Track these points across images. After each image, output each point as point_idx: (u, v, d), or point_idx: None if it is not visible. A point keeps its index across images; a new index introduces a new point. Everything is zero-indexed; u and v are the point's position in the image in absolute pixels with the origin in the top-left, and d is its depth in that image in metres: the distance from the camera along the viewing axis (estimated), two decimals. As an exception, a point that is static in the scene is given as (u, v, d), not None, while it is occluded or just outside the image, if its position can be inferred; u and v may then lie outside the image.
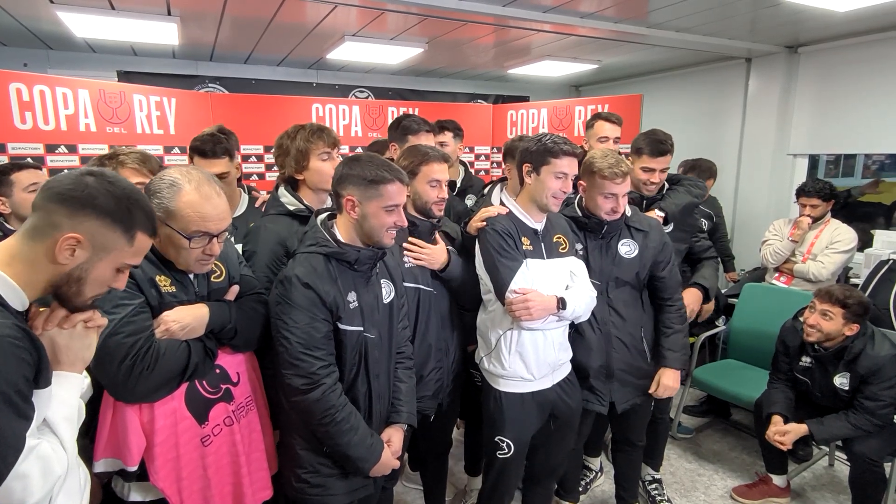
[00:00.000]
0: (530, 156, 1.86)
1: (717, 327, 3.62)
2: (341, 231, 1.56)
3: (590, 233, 2.11)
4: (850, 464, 2.43)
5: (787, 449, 2.48)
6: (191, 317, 1.36)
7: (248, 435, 1.50)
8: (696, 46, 3.96)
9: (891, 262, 3.01)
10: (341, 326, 1.51)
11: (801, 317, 2.52)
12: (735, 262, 4.27)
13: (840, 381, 2.42)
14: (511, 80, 5.73)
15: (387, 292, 1.67)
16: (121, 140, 3.46)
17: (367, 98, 5.31)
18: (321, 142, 1.87)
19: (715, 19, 3.38)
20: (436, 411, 2.05)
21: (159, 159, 3.36)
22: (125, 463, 1.30)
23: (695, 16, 3.29)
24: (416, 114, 2.67)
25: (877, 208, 4.62)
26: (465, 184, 2.92)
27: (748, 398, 2.83)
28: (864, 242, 3.61)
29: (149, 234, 1.06)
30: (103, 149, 3.40)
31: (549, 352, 1.91)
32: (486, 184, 2.80)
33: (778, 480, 2.70)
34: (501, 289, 1.83)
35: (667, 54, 4.42)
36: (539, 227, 1.93)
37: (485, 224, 1.90)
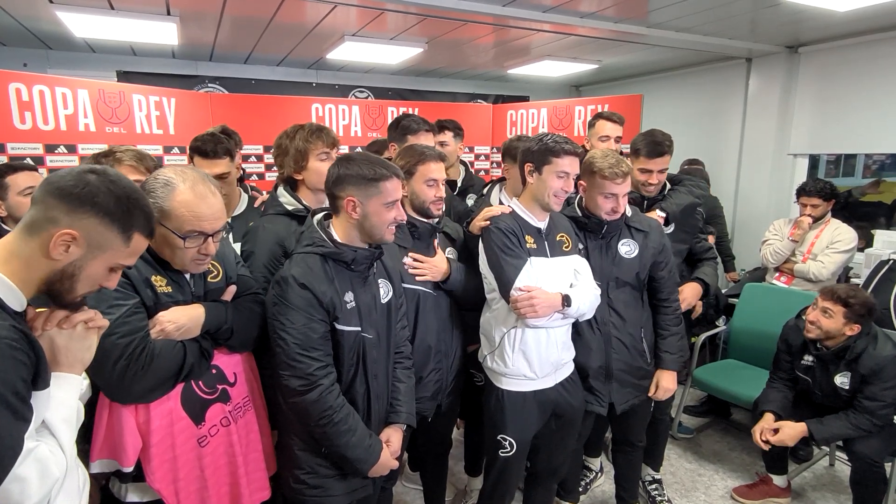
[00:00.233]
0: (532, 155, 1.86)
1: (718, 327, 3.61)
2: (338, 231, 1.56)
3: (590, 233, 2.10)
4: (851, 464, 2.42)
5: (789, 447, 2.47)
6: (186, 317, 1.35)
7: (246, 435, 1.49)
8: (696, 46, 3.96)
9: (891, 262, 3.00)
10: (338, 327, 1.50)
11: (805, 314, 2.51)
12: (735, 262, 4.27)
13: (841, 380, 2.41)
14: (511, 80, 5.72)
15: (384, 292, 1.66)
16: (120, 140, 3.45)
17: (366, 98, 5.30)
18: (320, 142, 1.86)
19: (715, 19, 3.37)
20: (435, 412, 2.04)
21: (158, 159, 3.36)
22: (121, 464, 1.30)
23: (695, 16, 3.29)
24: (416, 114, 2.67)
25: (877, 208, 4.60)
26: (465, 183, 2.91)
27: (748, 398, 2.82)
28: (865, 242, 3.61)
29: (146, 236, 1.05)
30: (103, 148, 3.39)
31: (553, 350, 1.91)
32: (487, 183, 2.79)
33: (778, 480, 2.69)
34: (506, 287, 1.82)
35: (667, 54, 4.41)
36: (542, 225, 1.93)
37: (488, 223, 1.89)
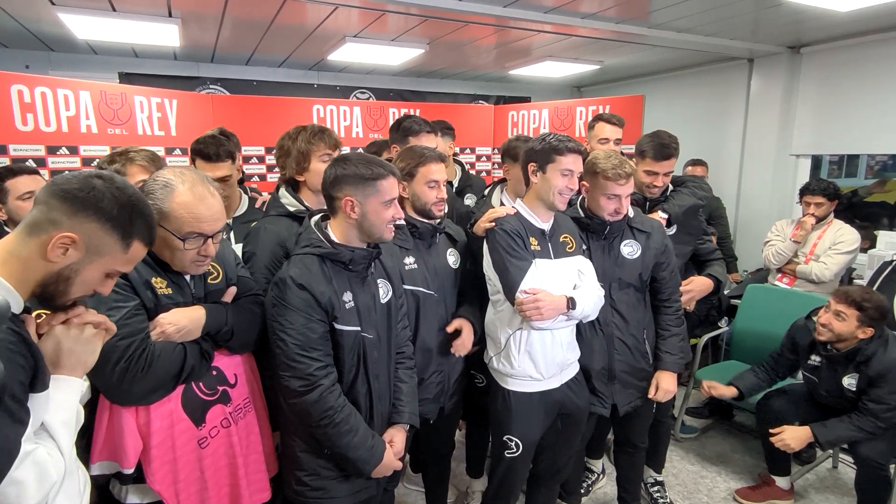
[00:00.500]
0: (536, 155, 1.86)
1: (720, 328, 3.60)
2: (336, 232, 1.55)
3: (592, 234, 2.10)
4: (855, 467, 2.41)
5: (791, 452, 2.46)
6: (186, 319, 1.35)
7: (246, 437, 1.49)
8: (697, 47, 3.95)
9: (894, 262, 2.99)
10: (338, 327, 1.50)
11: (815, 315, 2.49)
12: (737, 263, 4.25)
13: (848, 381, 2.39)
14: (512, 80, 5.72)
15: (384, 292, 1.65)
16: (122, 141, 3.45)
17: (368, 99, 5.31)
18: (322, 143, 1.87)
19: (716, 20, 3.36)
20: (438, 414, 2.04)
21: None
22: (121, 465, 1.30)
23: (696, 16, 3.28)
24: (417, 115, 2.66)
25: (881, 209, 4.59)
26: (462, 183, 2.90)
27: (751, 400, 2.81)
28: (869, 243, 3.60)
29: (145, 244, 1.05)
30: (104, 150, 3.40)
31: (558, 351, 1.90)
32: (488, 185, 2.78)
33: (781, 482, 2.68)
34: (512, 289, 1.82)
35: (668, 55, 4.41)
36: (546, 226, 1.93)
37: (493, 225, 1.89)
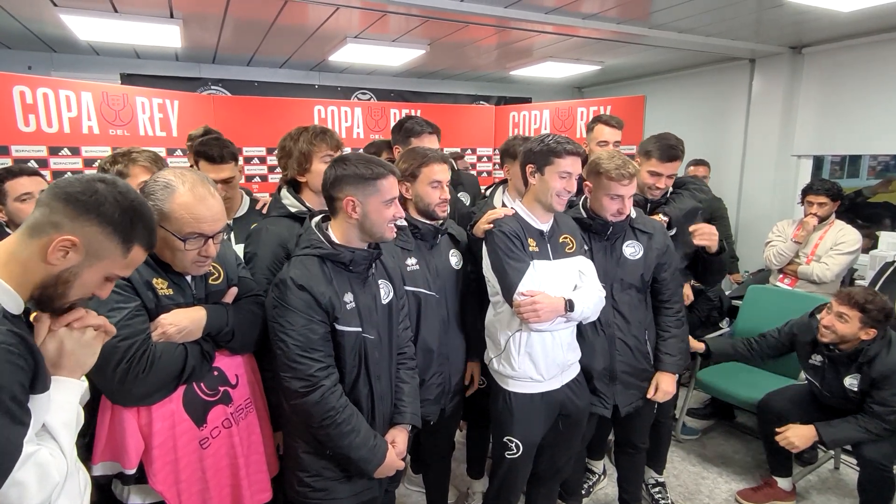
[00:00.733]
0: (534, 156, 1.85)
1: (721, 329, 3.59)
2: (336, 233, 1.55)
3: (594, 234, 2.09)
4: (859, 468, 2.40)
5: (795, 452, 2.46)
6: (188, 319, 1.35)
7: (247, 437, 1.49)
8: (699, 47, 3.95)
9: (896, 263, 2.99)
10: (338, 327, 1.50)
11: (819, 313, 2.47)
12: (739, 264, 4.25)
13: (850, 381, 2.38)
14: (513, 81, 5.72)
15: (385, 293, 1.65)
16: (124, 142, 3.46)
17: (369, 100, 5.31)
18: (324, 144, 1.86)
19: (718, 20, 3.36)
20: (439, 415, 2.03)
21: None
22: (123, 466, 1.30)
23: (697, 17, 3.28)
24: (419, 115, 2.66)
25: (884, 209, 4.58)
26: (452, 182, 2.90)
27: (752, 400, 2.81)
28: (871, 244, 3.59)
29: (145, 249, 1.05)
30: (106, 151, 3.41)
31: (558, 352, 1.90)
32: (489, 186, 2.78)
33: (783, 483, 2.67)
34: (509, 291, 1.81)
35: (670, 55, 4.40)
36: (545, 227, 1.92)
37: (492, 226, 1.89)
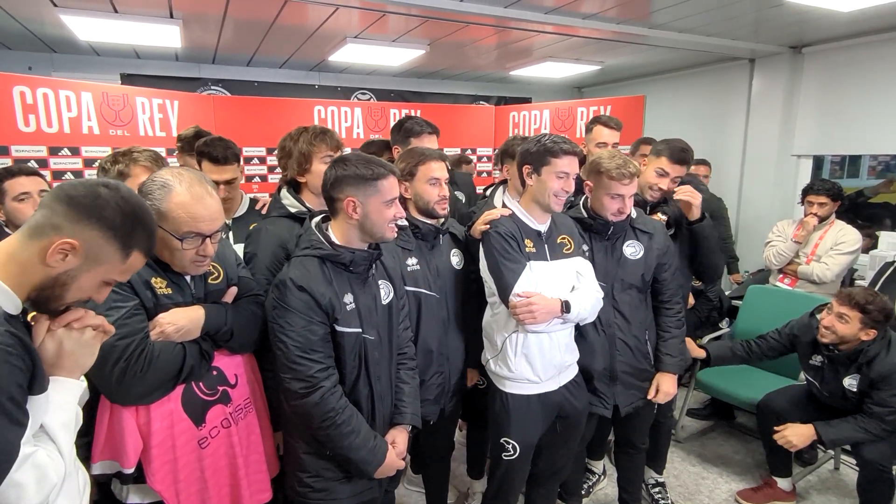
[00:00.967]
0: (530, 157, 1.85)
1: (721, 329, 3.59)
2: (336, 233, 1.55)
3: (595, 234, 2.09)
4: (858, 468, 2.40)
5: (794, 451, 2.46)
6: (186, 319, 1.35)
7: (247, 437, 1.49)
8: (698, 47, 3.95)
9: (896, 263, 2.99)
10: (338, 328, 1.50)
11: (819, 313, 2.47)
12: (739, 264, 4.24)
13: (849, 382, 2.38)
14: (513, 81, 5.72)
15: (385, 293, 1.65)
16: (123, 142, 3.45)
17: (368, 100, 5.31)
18: (324, 145, 1.86)
19: (717, 20, 3.36)
20: (439, 415, 2.03)
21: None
22: (122, 465, 1.30)
23: (697, 16, 3.28)
24: (419, 116, 2.66)
25: (883, 209, 4.58)
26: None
27: (751, 400, 2.81)
28: (871, 244, 3.59)
29: (144, 255, 1.05)
30: (106, 151, 3.40)
31: (555, 353, 1.89)
32: (488, 186, 2.78)
33: (783, 484, 2.67)
34: (505, 292, 1.81)
35: (669, 55, 4.40)
36: (542, 228, 1.92)
37: (488, 227, 1.89)
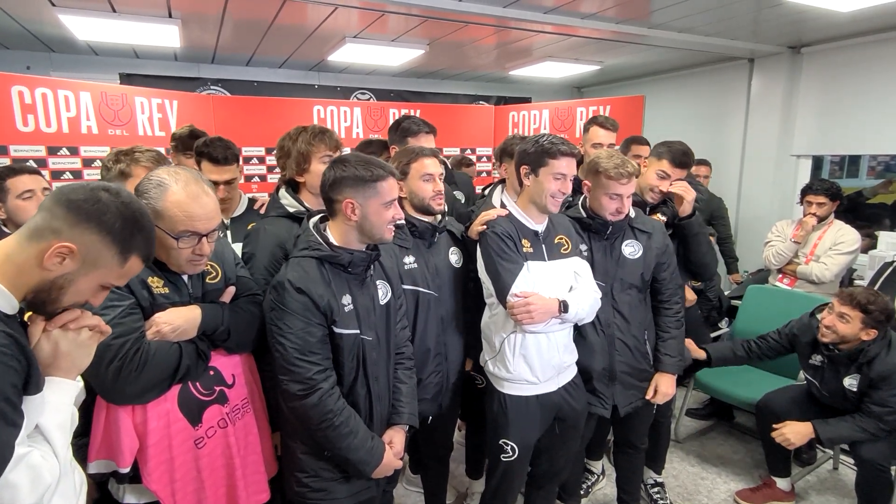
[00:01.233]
0: (528, 157, 1.84)
1: (720, 329, 3.59)
2: (335, 234, 1.54)
3: (594, 234, 2.09)
4: (857, 468, 2.40)
5: (793, 449, 2.45)
6: (182, 318, 1.35)
7: (244, 437, 1.49)
8: (698, 47, 3.95)
9: (895, 263, 2.98)
10: (337, 330, 1.49)
11: (819, 313, 2.47)
12: (738, 264, 4.24)
13: (849, 381, 2.38)
14: (513, 81, 5.72)
15: (383, 293, 1.65)
16: (123, 142, 3.44)
17: (368, 100, 5.31)
18: (323, 145, 1.85)
19: (717, 20, 3.36)
20: (436, 414, 2.03)
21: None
22: (118, 464, 1.30)
23: (697, 16, 3.28)
24: (418, 115, 2.65)
25: (882, 209, 4.58)
26: (445, 181, 2.89)
27: (750, 400, 2.80)
28: (870, 244, 3.58)
29: (142, 260, 1.05)
30: (105, 151, 3.40)
31: (554, 354, 1.89)
32: (487, 185, 2.78)
33: (782, 484, 2.67)
34: (503, 292, 1.81)
35: (669, 55, 4.40)
36: (540, 228, 1.91)
37: (485, 227, 1.88)
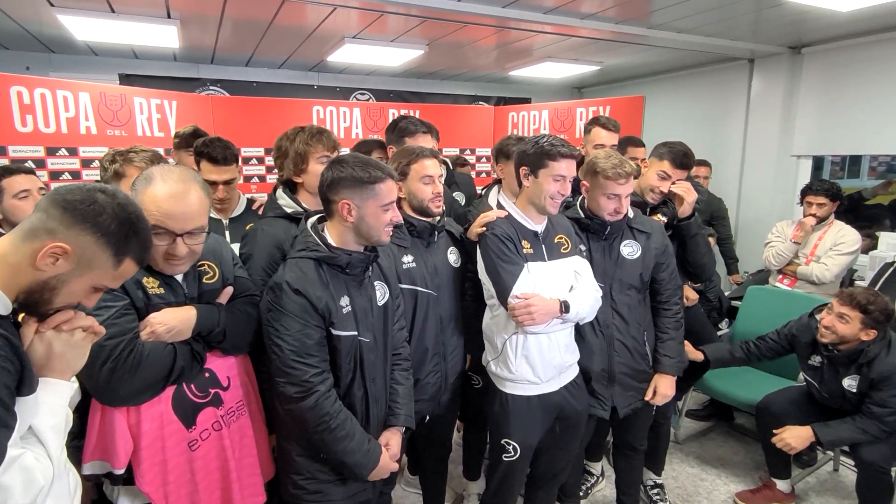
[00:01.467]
0: (527, 158, 1.84)
1: (721, 330, 3.58)
2: (332, 235, 1.53)
3: (592, 234, 2.08)
4: (857, 470, 2.39)
5: (793, 453, 2.44)
6: (177, 319, 1.34)
7: (239, 440, 1.48)
8: (698, 47, 3.94)
9: (896, 264, 2.97)
10: (334, 332, 1.48)
11: (818, 314, 2.46)
12: (738, 265, 4.23)
13: (849, 382, 2.36)
14: (512, 81, 5.72)
15: (381, 294, 1.64)
16: (121, 143, 3.43)
17: (368, 100, 5.31)
18: (320, 145, 1.84)
19: (717, 20, 3.35)
20: (434, 414, 2.02)
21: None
22: (112, 466, 1.29)
23: (697, 16, 3.27)
24: (417, 116, 2.65)
25: (882, 210, 4.57)
26: (447, 181, 2.89)
27: (750, 401, 2.79)
28: (871, 244, 3.57)
29: (136, 263, 1.04)
30: (104, 152, 3.39)
31: (555, 354, 1.88)
32: (486, 186, 2.78)
33: (782, 485, 2.66)
34: (504, 294, 1.80)
35: (669, 55, 4.39)
36: (539, 228, 1.91)
37: (484, 229, 1.88)
